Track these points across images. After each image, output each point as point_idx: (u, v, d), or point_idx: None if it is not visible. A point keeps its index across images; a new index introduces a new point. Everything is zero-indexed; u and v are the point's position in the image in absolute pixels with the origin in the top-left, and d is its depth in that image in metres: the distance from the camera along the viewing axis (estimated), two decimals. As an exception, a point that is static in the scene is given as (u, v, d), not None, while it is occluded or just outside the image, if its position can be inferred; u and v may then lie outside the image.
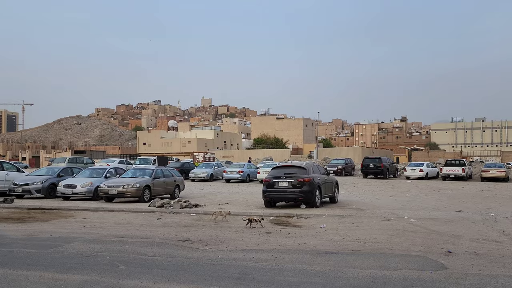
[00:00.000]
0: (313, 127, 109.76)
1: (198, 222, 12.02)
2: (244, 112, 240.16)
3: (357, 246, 8.53)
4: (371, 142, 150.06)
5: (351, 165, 39.43)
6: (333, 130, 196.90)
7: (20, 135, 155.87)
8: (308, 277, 6.24)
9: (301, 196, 14.07)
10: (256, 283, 5.97)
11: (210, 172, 31.27)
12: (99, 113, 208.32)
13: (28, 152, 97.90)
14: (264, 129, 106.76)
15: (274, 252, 8.03)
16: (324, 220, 12.06)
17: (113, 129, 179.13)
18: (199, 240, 9.28)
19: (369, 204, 16.00)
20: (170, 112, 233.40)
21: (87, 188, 17.21)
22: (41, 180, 18.29)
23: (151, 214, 13.74)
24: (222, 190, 23.19)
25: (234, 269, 6.75)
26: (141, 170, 18.69)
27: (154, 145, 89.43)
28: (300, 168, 14.90)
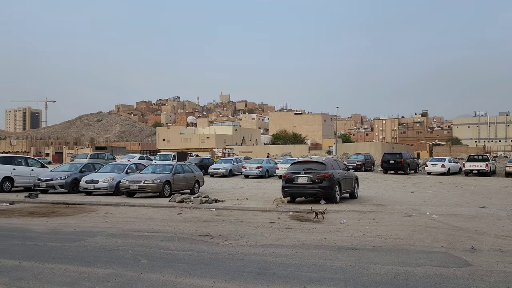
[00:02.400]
0: (331, 122, 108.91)
1: (218, 217, 12.09)
2: (263, 108, 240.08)
3: (378, 242, 8.44)
4: (391, 137, 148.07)
5: (370, 160, 39.00)
6: (352, 125, 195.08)
7: (43, 131, 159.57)
8: (329, 273, 6.21)
9: (320, 191, 14.00)
10: (276, 278, 5.97)
11: (229, 168, 31.40)
12: (119, 109, 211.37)
13: (51, 148, 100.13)
14: (282, 125, 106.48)
15: (294, 247, 8.01)
16: (344, 216, 11.98)
17: (133, 126, 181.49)
18: (219, 235, 9.34)
19: (389, 199, 15.80)
20: (189, 108, 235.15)
21: (108, 183, 17.50)
22: (64, 176, 18.68)
23: (172, 209, 13.88)
24: (241, 186, 23.27)
25: (254, 264, 6.77)
26: (161, 165, 18.89)
27: (173, 141, 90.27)
28: (320, 163, 14.81)
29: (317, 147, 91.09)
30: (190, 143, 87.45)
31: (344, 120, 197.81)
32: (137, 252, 7.57)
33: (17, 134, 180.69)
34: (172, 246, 8.18)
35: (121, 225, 10.76)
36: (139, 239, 8.83)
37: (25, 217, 12.30)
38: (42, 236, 9.27)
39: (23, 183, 19.51)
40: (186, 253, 7.58)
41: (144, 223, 11.11)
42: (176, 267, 6.58)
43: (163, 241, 8.68)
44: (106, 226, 10.51)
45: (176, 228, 10.24)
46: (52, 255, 7.43)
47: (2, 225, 10.87)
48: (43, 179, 18.53)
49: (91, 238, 8.89)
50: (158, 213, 12.99)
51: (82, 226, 10.52)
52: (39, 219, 12.01)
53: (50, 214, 12.96)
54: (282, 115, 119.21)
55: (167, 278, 5.99)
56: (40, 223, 11.22)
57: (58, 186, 18.35)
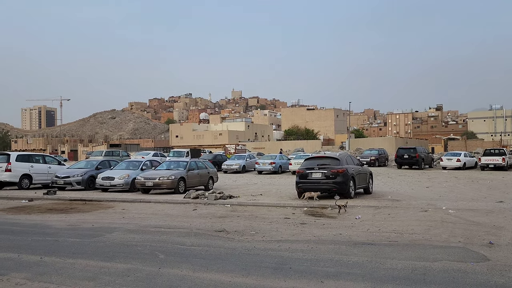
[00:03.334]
0: (344, 117, 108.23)
1: (233, 213, 12.18)
2: (275, 104, 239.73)
3: (394, 237, 8.41)
4: (405, 132, 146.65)
5: (384, 155, 38.72)
6: (365, 120, 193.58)
7: (59, 129, 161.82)
8: (345, 268, 6.23)
9: (335, 187, 13.97)
10: (293, 273, 6.01)
11: (242, 164, 31.50)
12: (132, 107, 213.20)
13: (66, 146, 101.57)
14: (294, 120, 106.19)
15: (310, 242, 8.04)
16: (359, 211, 11.95)
17: (146, 123, 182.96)
18: (234, 230, 9.41)
19: (404, 195, 15.70)
20: (201, 105, 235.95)
21: (124, 180, 17.72)
22: (81, 173, 18.98)
23: (187, 205, 14.02)
24: (255, 182, 23.34)
25: (270, 259, 6.82)
26: (176, 162, 19.05)
27: (186, 137, 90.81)
28: (334, 159, 14.78)
29: (329, 142, 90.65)
30: (203, 140, 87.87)
31: (357, 115, 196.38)
32: (155, 248, 7.68)
33: (33, 132, 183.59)
34: (189, 241, 8.27)
35: (137, 221, 10.91)
36: (156, 235, 8.95)
37: (44, 214, 12.55)
38: (62, 232, 9.46)
39: (41, 180, 19.89)
40: (203, 248, 7.66)
41: (160, 219, 11.24)
42: (193, 262, 6.67)
43: (180, 236, 8.78)
44: (123, 222, 10.67)
45: (192, 224, 10.35)
46: (72, 250, 7.58)
47: (23, 221, 11.12)
48: (60, 176, 18.85)
49: (109, 234, 9.04)
50: (174, 209, 13.12)
51: (100, 222, 10.70)
52: (58, 215, 12.24)
53: (69, 211, 13.20)
54: (294, 110, 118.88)
55: (185, 273, 6.08)
56: (59, 219, 11.44)
57: (75, 183, 18.65)
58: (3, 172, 18.86)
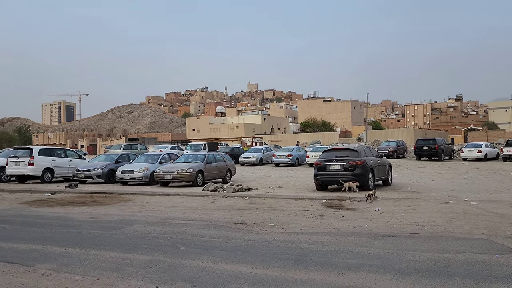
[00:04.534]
0: (361, 109, 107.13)
1: (251, 206, 12.21)
2: (291, 96, 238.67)
3: (415, 229, 8.31)
4: (424, 123, 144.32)
5: (403, 147, 38.23)
6: (383, 112, 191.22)
7: (78, 124, 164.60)
8: (366, 260, 6.18)
9: (353, 179, 13.86)
10: (314, 264, 6.00)
11: (259, 157, 31.53)
12: (149, 101, 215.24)
13: (86, 140, 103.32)
14: (311, 113, 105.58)
15: (330, 234, 8.01)
16: (379, 203, 11.84)
17: (163, 116, 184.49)
18: (253, 222, 9.44)
19: (425, 186, 15.49)
20: (217, 98, 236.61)
21: (143, 173, 17.93)
22: (101, 166, 19.28)
23: (205, 197, 14.11)
24: (272, 174, 23.34)
25: (291, 251, 6.82)
26: (194, 155, 19.16)
27: (203, 131, 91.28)
28: (352, 150, 14.65)
29: (346, 134, 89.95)
30: (220, 133, 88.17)
31: (374, 107, 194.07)
32: (175, 240, 7.76)
33: (54, 127, 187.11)
34: (209, 233, 8.33)
35: (157, 213, 11.04)
36: (176, 227, 9.04)
37: (66, 206, 12.81)
38: (84, 224, 9.64)
39: (62, 174, 20.29)
40: (223, 240, 7.71)
41: (179, 211, 11.35)
42: (214, 253, 6.71)
43: (200, 228, 8.85)
44: (143, 215, 10.81)
45: (211, 216, 10.42)
46: (95, 242, 7.72)
47: (46, 214, 11.37)
48: (81, 170, 19.18)
49: (130, 226, 9.17)
50: (193, 202, 13.23)
51: (121, 215, 10.86)
52: (79, 208, 12.48)
53: (90, 203, 13.44)
54: (310, 103, 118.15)
55: (206, 264, 6.12)
56: (81, 212, 11.66)
57: (95, 176, 18.96)
58: (26, 166, 19.29)
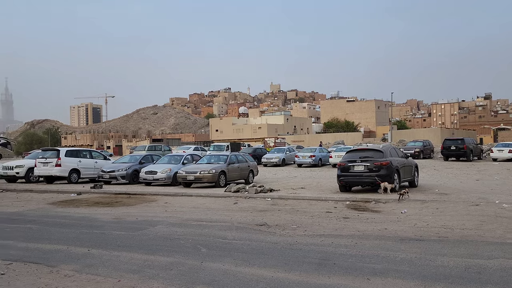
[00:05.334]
0: (386, 108, 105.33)
1: (273, 207, 12.08)
2: (313, 96, 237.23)
3: (444, 233, 8.01)
4: (451, 122, 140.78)
5: (429, 147, 37.30)
6: (408, 111, 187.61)
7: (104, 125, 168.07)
8: (393, 265, 5.97)
9: (378, 180, 13.54)
10: (337, 269, 5.83)
11: (282, 157, 31.34)
12: (173, 102, 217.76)
13: (111, 141, 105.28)
14: (334, 113, 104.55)
15: (354, 237, 7.80)
16: (405, 205, 11.52)
17: (187, 118, 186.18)
18: (276, 224, 9.31)
19: (453, 188, 15.00)
20: (240, 99, 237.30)
21: (166, 174, 18.04)
22: (125, 167, 19.51)
23: (227, 199, 14.06)
24: (295, 175, 23.14)
25: (313, 254, 6.66)
26: (216, 156, 19.17)
27: (226, 131, 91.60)
28: (377, 151, 14.33)
29: (370, 134, 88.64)
30: (242, 134, 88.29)
31: (399, 106, 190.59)
32: (197, 241, 7.71)
33: (81, 128, 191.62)
34: (230, 235, 8.25)
35: (180, 214, 11.04)
36: (198, 228, 9.00)
37: (91, 207, 12.98)
38: (108, 225, 9.72)
39: (88, 174, 20.64)
40: (244, 242, 7.61)
41: (201, 212, 11.33)
42: (235, 256, 6.62)
43: (221, 230, 8.79)
44: (166, 216, 10.83)
45: (233, 217, 10.34)
46: (118, 243, 7.75)
47: (72, 214, 11.54)
48: (106, 171, 19.46)
49: (153, 227, 9.18)
50: (215, 203, 13.20)
51: (144, 216, 10.91)
52: (104, 208, 12.63)
53: (114, 204, 13.58)
54: (333, 103, 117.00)
55: (227, 267, 6.04)
56: (105, 212, 11.78)
57: (120, 177, 19.20)
58: (54, 167, 19.72)
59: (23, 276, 5.86)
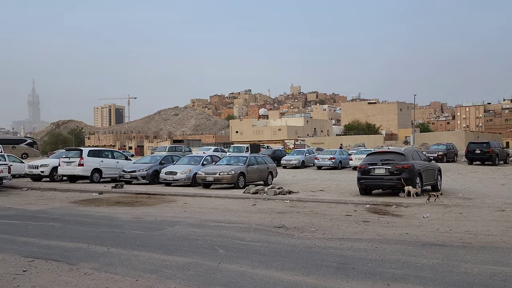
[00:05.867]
0: (408, 111, 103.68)
1: (292, 209, 12.00)
2: (334, 98, 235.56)
3: (468, 239, 7.78)
4: (476, 125, 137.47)
5: (453, 150, 36.47)
6: (431, 114, 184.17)
7: (126, 126, 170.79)
8: (414, 270, 5.82)
9: (399, 183, 13.29)
10: (356, 273, 5.72)
11: (301, 159, 31.17)
12: (194, 104, 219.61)
13: (133, 141, 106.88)
14: (355, 115, 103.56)
15: (374, 242, 7.66)
16: (427, 210, 11.26)
17: (208, 119, 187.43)
18: (294, 227, 9.23)
19: (477, 192, 14.59)
20: (260, 100, 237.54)
21: (186, 175, 18.16)
22: (146, 168, 19.74)
23: (246, 200, 14.04)
24: (314, 177, 22.96)
25: (332, 257, 6.57)
26: (236, 157, 19.20)
27: (246, 133, 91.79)
28: (398, 154, 14.07)
29: (392, 137, 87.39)
30: (262, 135, 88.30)
31: (422, 109, 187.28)
32: (215, 242, 7.71)
33: (104, 129, 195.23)
34: (248, 237, 8.22)
35: (198, 215, 11.08)
36: (216, 229, 9.01)
37: (112, 206, 13.17)
38: (127, 224, 9.83)
39: (110, 174, 20.97)
40: (262, 244, 7.57)
41: (220, 213, 11.34)
42: (252, 258, 6.58)
43: (239, 231, 8.76)
44: (184, 216, 10.88)
45: (251, 219, 10.31)
46: (137, 242, 7.81)
47: (93, 213, 11.73)
48: (127, 171, 19.73)
49: (171, 228, 9.23)
50: (233, 204, 13.20)
51: (163, 216, 10.99)
52: (124, 208, 12.78)
53: (134, 204, 13.74)
54: (354, 105, 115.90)
55: (244, 269, 6.00)
56: (125, 212, 11.93)
57: (140, 177, 19.43)
58: (77, 166, 20.10)
59: (44, 273, 5.96)
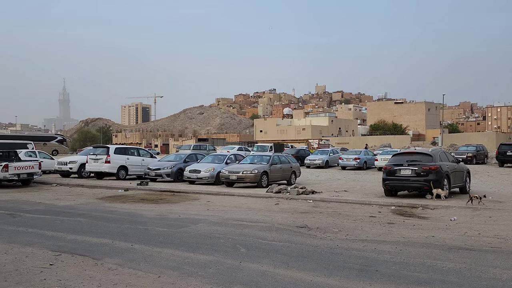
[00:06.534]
0: (436, 111, 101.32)
1: (315, 209, 11.90)
2: (360, 98, 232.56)
3: (497, 243, 7.52)
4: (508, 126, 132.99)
5: (483, 152, 35.38)
6: (461, 114, 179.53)
7: (152, 124, 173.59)
8: (440, 275, 5.66)
9: (426, 185, 12.98)
10: (380, 276, 5.61)
11: (325, 159, 30.92)
12: (219, 103, 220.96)
13: (159, 139, 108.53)
14: (381, 115, 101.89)
15: (398, 244, 7.50)
16: (455, 212, 10.95)
17: (232, 118, 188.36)
18: (317, 227, 9.15)
19: (508, 195, 14.10)
20: (284, 100, 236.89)
21: (209, 173, 18.28)
22: (170, 166, 19.98)
23: (269, 199, 14.02)
24: (338, 177, 22.71)
25: (355, 259, 6.46)
26: (259, 156, 19.19)
27: (270, 132, 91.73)
28: (425, 155, 13.75)
29: (420, 137, 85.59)
30: (286, 135, 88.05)
31: (451, 109, 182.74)
32: (237, 241, 7.72)
33: (131, 127, 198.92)
34: (270, 236, 8.19)
35: (221, 213, 11.12)
36: (238, 228, 9.02)
37: (137, 203, 13.38)
38: (151, 221, 9.96)
39: (135, 171, 21.34)
40: (284, 244, 7.52)
41: (242, 212, 11.35)
42: (274, 258, 6.55)
43: (261, 231, 8.75)
44: (207, 214, 10.95)
45: (273, 218, 10.28)
46: (160, 239, 7.90)
47: (118, 209, 11.95)
48: (152, 169, 20.03)
49: (194, 225, 9.30)
50: (256, 203, 13.19)
51: (186, 213, 11.10)
52: (149, 205, 12.97)
53: (158, 201, 13.93)
54: (380, 104, 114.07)
55: (266, 268, 5.98)
56: (149, 209, 12.10)
57: (165, 175, 19.68)
58: (103, 163, 20.55)
59: (69, 267, 6.11)
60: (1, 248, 7.29)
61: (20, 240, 7.86)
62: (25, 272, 5.88)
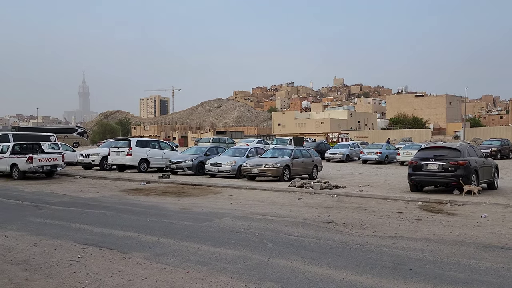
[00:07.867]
0: (458, 104, 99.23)
1: (339, 204, 11.71)
2: (379, 91, 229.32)
3: (534, 242, 7.23)
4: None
5: (508, 146, 34.46)
6: (483, 108, 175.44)
7: (171, 117, 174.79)
8: (477, 274, 5.45)
9: (454, 180, 12.64)
10: (414, 275, 5.43)
11: (346, 153, 30.58)
12: (236, 96, 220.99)
13: (177, 132, 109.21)
14: (401, 108, 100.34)
15: (429, 242, 7.28)
16: (485, 209, 10.63)
17: (250, 111, 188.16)
18: (343, 222, 8.98)
19: (539, 192, 13.63)
20: (302, 93, 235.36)
21: (231, 166, 18.22)
22: (191, 159, 20.00)
23: (292, 193, 13.87)
24: (360, 172, 22.41)
25: (386, 257, 6.29)
26: (281, 150, 19.04)
27: (288, 125, 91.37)
28: (453, 149, 13.37)
29: (440, 131, 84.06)
30: (305, 128, 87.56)
31: (473, 102, 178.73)
32: (263, 236, 7.62)
33: (149, 120, 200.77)
34: (296, 231, 8.07)
35: (245, 207, 11.04)
36: (263, 223, 8.92)
37: (160, 196, 13.41)
38: (175, 214, 9.94)
39: (156, 164, 21.44)
40: (312, 240, 7.39)
41: (266, 206, 11.24)
42: (303, 254, 6.43)
43: (287, 226, 8.62)
44: (231, 208, 10.88)
45: (298, 213, 10.15)
46: (186, 233, 7.86)
47: (142, 202, 11.99)
48: (173, 161, 20.09)
49: (219, 219, 9.24)
50: (279, 197, 13.07)
51: (210, 207, 11.05)
52: (171, 198, 12.98)
53: (181, 194, 13.94)
54: (400, 98, 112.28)
55: (295, 265, 5.86)
56: (172, 202, 12.10)
57: (186, 168, 19.72)
58: (125, 156, 20.70)
59: (98, 260, 6.10)
60: (29, 240, 7.36)
61: (48, 232, 7.93)
62: (55, 265, 5.91)
